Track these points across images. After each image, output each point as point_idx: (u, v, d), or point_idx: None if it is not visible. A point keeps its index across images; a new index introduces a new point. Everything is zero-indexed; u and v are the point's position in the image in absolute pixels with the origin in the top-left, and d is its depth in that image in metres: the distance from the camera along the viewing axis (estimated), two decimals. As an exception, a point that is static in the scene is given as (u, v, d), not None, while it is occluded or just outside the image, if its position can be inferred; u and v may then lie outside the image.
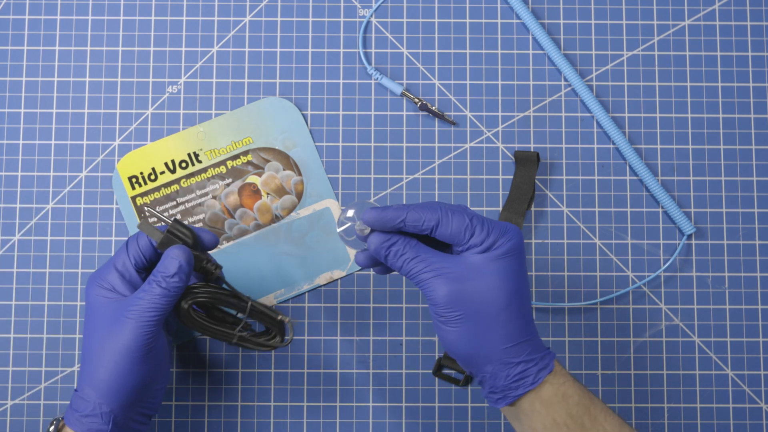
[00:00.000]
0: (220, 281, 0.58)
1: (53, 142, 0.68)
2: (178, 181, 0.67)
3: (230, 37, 0.69)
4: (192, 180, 0.67)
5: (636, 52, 0.70)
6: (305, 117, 0.68)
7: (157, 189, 0.67)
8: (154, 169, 0.67)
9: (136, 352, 0.53)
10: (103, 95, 0.69)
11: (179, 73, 0.69)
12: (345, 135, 0.68)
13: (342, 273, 0.67)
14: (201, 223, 0.67)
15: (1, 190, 0.68)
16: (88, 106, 0.69)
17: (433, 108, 0.68)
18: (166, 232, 0.55)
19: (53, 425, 0.55)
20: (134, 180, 0.67)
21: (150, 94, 0.69)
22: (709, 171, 0.68)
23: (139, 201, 0.67)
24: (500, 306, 0.51)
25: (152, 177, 0.67)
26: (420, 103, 0.68)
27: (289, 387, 0.66)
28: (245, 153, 0.68)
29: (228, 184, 0.67)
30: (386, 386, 0.66)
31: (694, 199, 0.68)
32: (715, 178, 0.68)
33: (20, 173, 0.68)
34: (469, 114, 0.69)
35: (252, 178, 0.68)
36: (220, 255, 0.66)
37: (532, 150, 0.68)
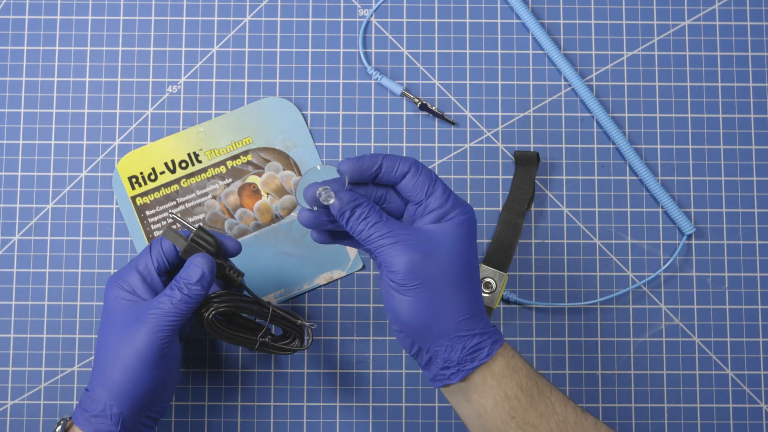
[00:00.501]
0: (241, 288, 0.58)
1: (53, 142, 0.68)
2: (178, 181, 0.67)
3: (230, 37, 0.69)
4: (192, 180, 0.67)
5: (636, 52, 0.70)
6: (305, 117, 0.68)
7: (157, 189, 0.67)
8: (154, 169, 0.67)
9: (151, 357, 0.53)
10: (103, 95, 0.69)
11: (179, 73, 0.69)
12: (345, 135, 0.68)
13: (342, 273, 0.67)
14: (201, 223, 0.67)
15: (1, 190, 0.68)
16: (88, 106, 0.69)
17: (433, 108, 0.68)
18: (190, 240, 0.55)
19: (60, 425, 0.55)
20: (134, 180, 0.67)
21: (150, 94, 0.69)
22: (709, 171, 0.68)
23: (139, 201, 0.67)
24: (461, 277, 0.51)
25: (152, 177, 0.67)
26: (420, 103, 0.68)
27: (289, 387, 0.66)
28: (245, 153, 0.68)
29: (228, 184, 0.67)
30: (386, 386, 0.66)
31: (694, 199, 0.68)
32: (715, 178, 0.68)
33: (20, 173, 0.68)
34: (469, 114, 0.69)
35: (252, 178, 0.68)
36: (220, 255, 0.67)
37: (532, 150, 0.68)
